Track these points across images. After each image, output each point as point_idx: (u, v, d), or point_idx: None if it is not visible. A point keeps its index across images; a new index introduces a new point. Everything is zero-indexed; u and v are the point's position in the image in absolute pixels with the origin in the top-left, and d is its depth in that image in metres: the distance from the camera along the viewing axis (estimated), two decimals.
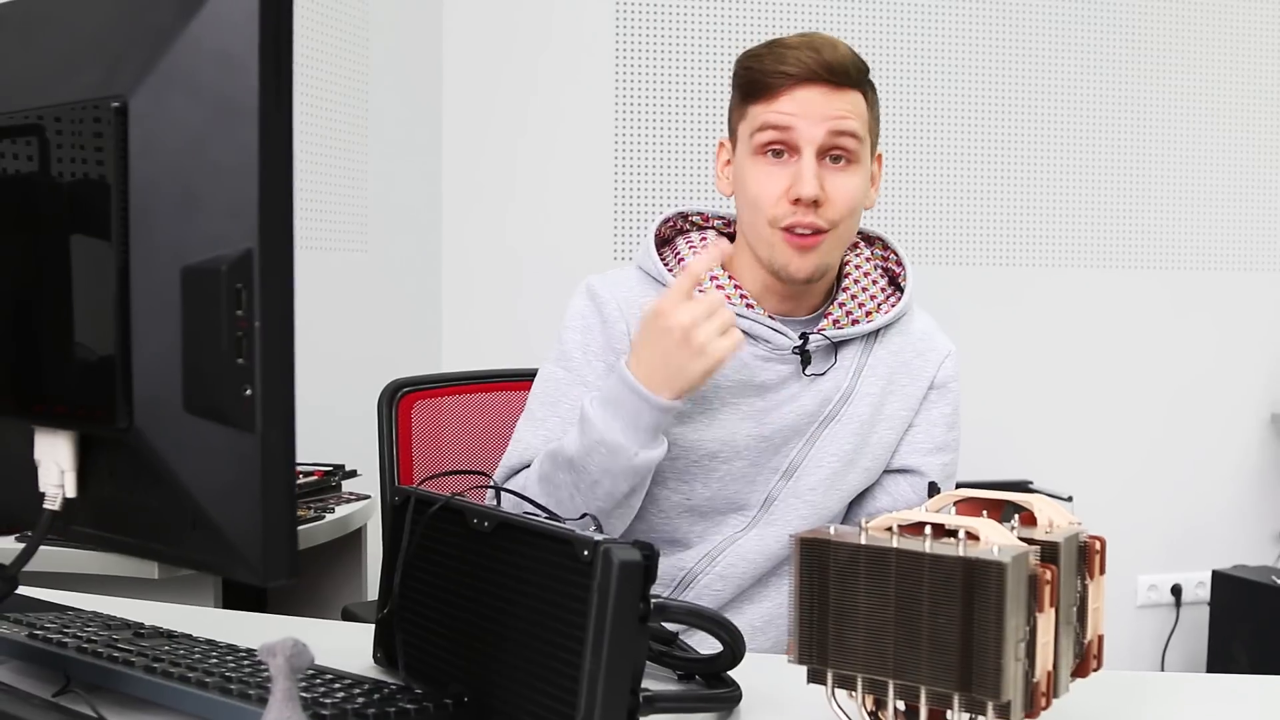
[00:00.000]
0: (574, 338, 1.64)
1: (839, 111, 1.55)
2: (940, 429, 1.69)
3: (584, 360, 1.62)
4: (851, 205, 1.58)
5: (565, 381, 1.62)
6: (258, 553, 0.79)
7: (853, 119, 1.56)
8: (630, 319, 1.62)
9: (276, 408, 0.78)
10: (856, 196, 1.58)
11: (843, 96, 1.56)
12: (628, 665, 0.96)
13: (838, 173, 1.57)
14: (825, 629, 0.96)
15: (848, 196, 1.57)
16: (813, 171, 1.54)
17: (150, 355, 0.82)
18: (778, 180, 1.56)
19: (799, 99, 1.55)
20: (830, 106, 1.55)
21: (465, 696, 1.05)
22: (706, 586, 1.61)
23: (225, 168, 0.78)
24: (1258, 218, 3.80)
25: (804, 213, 1.55)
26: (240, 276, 0.77)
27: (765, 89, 1.57)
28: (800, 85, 1.55)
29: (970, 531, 0.94)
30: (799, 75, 1.55)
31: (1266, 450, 3.85)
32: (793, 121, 1.55)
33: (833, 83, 1.55)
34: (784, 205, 1.55)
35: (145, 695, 1.05)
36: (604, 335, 1.63)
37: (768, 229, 1.57)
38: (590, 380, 1.61)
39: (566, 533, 1.00)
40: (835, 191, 1.56)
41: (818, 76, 1.55)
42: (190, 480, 0.81)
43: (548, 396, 1.63)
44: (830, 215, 1.56)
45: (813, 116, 1.54)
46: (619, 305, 1.63)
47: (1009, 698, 0.90)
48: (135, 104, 0.83)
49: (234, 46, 0.78)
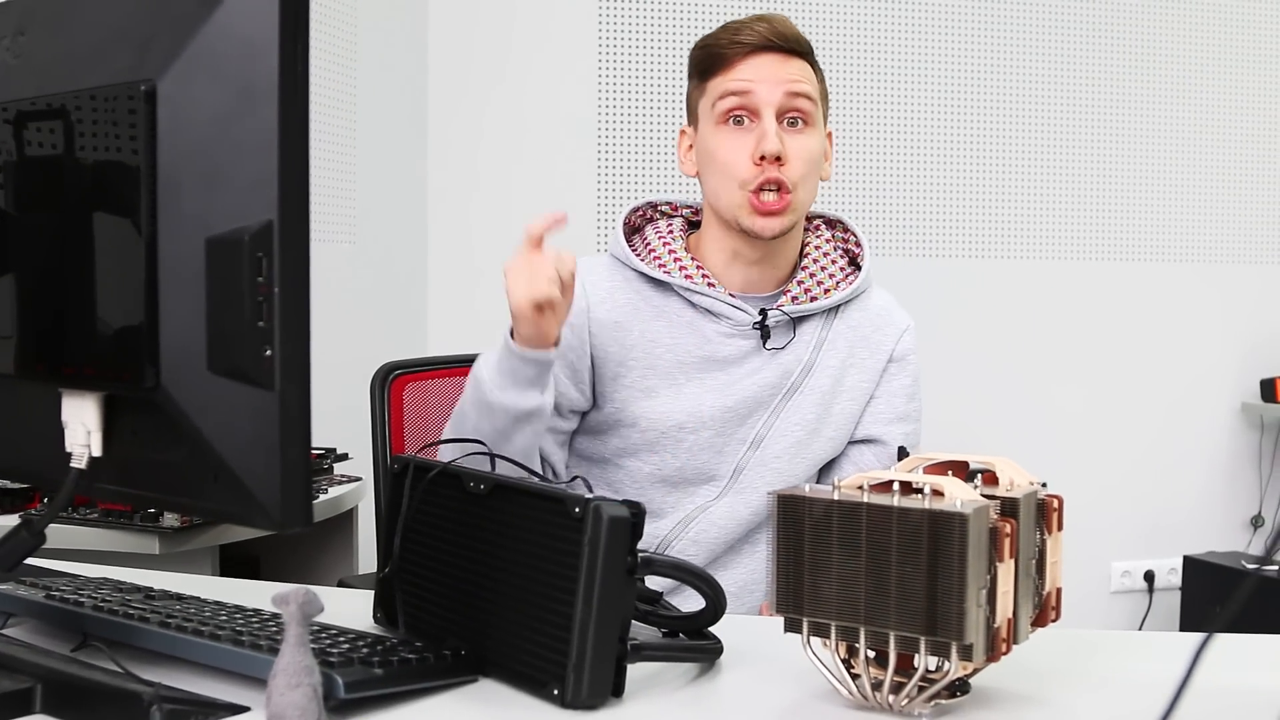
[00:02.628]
0: None
1: (793, 76, 1.67)
2: (900, 399, 1.78)
3: None
4: (810, 163, 1.68)
5: None
6: (276, 502, 0.85)
7: (806, 83, 1.68)
8: (592, 299, 1.71)
9: (294, 367, 0.84)
10: (815, 156, 1.69)
11: (795, 63, 1.68)
12: (616, 615, 1.03)
13: (796, 134, 1.67)
14: (801, 580, 1.03)
15: (807, 155, 1.68)
16: (774, 129, 1.65)
17: (175, 320, 0.89)
18: (742, 144, 1.66)
19: (755, 65, 1.67)
20: (785, 71, 1.67)
21: (463, 649, 1.12)
22: (680, 552, 1.69)
23: (247, 146, 0.84)
24: (1229, 210, 3.87)
25: (769, 169, 1.65)
26: (261, 246, 0.83)
27: (722, 60, 1.68)
28: (755, 53, 1.67)
29: (935, 488, 1.00)
30: (753, 44, 1.67)
31: (1237, 438, 3.92)
32: (751, 86, 1.66)
33: (785, 50, 1.68)
34: (750, 168, 1.66)
35: (161, 648, 1.11)
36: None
37: (738, 192, 1.67)
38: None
39: (559, 492, 1.07)
40: (795, 150, 1.66)
41: (771, 44, 1.67)
42: (213, 435, 0.88)
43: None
44: (792, 174, 1.66)
45: (770, 80, 1.66)
46: (583, 285, 1.71)
47: (971, 640, 0.97)
48: (163, 87, 0.89)
49: (256, 33, 0.84)
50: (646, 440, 1.69)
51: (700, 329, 1.71)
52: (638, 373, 1.69)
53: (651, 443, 1.69)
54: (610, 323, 1.70)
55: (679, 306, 1.71)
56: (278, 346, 0.84)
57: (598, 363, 1.70)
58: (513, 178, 3.50)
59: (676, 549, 1.69)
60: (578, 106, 3.51)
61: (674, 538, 1.70)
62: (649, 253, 1.74)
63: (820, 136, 1.71)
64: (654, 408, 1.67)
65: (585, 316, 1.70)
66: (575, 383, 1.70)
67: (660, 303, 1.72)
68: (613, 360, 1.69)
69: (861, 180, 3.64)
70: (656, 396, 1.68)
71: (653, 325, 1.70)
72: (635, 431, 1.67)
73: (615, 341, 1.69)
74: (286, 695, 0.92)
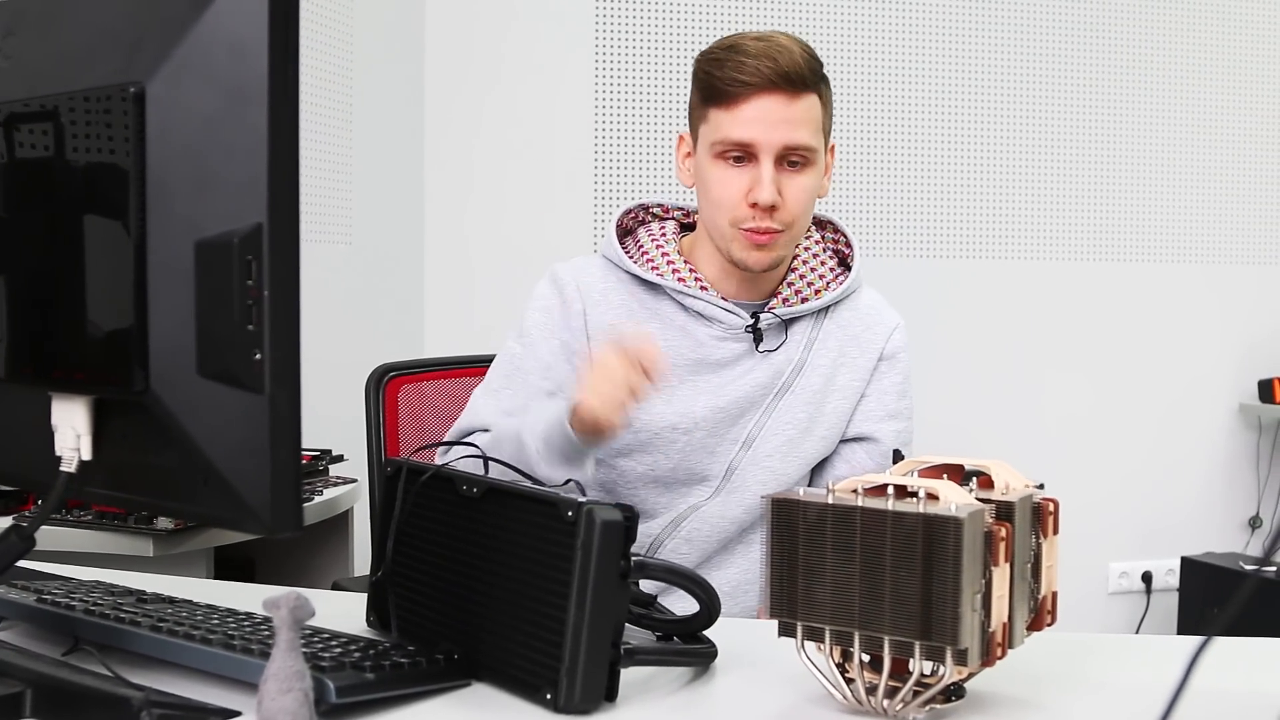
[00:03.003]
0: (534, 317, 1.74)
1: (796, 118, 1.63)
2: (891, 397, 1.78)
3: (540, 338, 1.72)
4: (806, 204, 1.67)
5: (521, 357, 1.72)
6: (266, 506, 0.84)
7: (807, 126, 1.64)
8: (587, 301, 1.71)
9: (284, 370, 0.84)
10: (810, 196, 1.68)
11: (799, 103, 1.63)
12: (610, 619, 1.03)
13: (794, 175, 1.65)
14: (795, 584, 1.03)
15: (802, 198, 1.66)
16: (770, 178, 1.62)
17: (165, 323, 0.88)
18: (737, 184, 1.65)
19: (757, 108, 1.62)
20: (787, 115, 1.62)
21: (456, 653, 1.11)
22: (673, 551, 1.69)
23: (237, 149, 0.84)
24: (1226, 210, 3.86)
25: (761, 217, 1.64)
26: (251, 249, 0.83)
27: (724, 96, 1.64)
28: (758, 94, 1.62)
29: (930, 492, 1.00)
30: (757, 85, 1.62)
31: (1235, 439, 3.92)
32: (750, 134, 1.63)
33: (789, 91, 1.62)
34: (743, 209, 1.65)
35: (152, 653, 1.10)
36: (562, 315, 1.72)
37: (728, 228, 1.67)
38: (543, 356, 1.71)
39: (552, 495, 1.06)
40: (791, 194, 1.65)
41: (774, 86, 1.62)
42: (203, 439, 0.87)
43: (505, 370, 1.73)
44: (785, 217, 1.65)
45: (770, 126, 1.62)
46: (578, 288, 1.72)
47: (966, 645, 0.96)
48: (152, 90, 0.88)
49: (245, 36, 0.84)
50: (639, 441, 1.69)
51: (693, 332, 1.71)
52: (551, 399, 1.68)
53: (644, 443, 1.69)
54: (605, 325, 1.70)
55: (671, 310, 1.72)
56: (267, 350, 0.83)
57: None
58: (509, 179, 3.50)
59: (669, 548, 1.69)
60: (575, 108, 3.51)
61: (666, 537, 1.70)
62: (642, 255, 1.75)
63: (819, 171, 1.69)
64: (646, 409, 1.67)
65: (583, 319, 1.71)
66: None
67: (653, 305, 1.72)
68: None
69: (853, 180, 3.64)
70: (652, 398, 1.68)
71: (645, 329, 1.70)
72: (628, 432, 1.67)
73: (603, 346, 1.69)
74: (278, 700, 0.92)
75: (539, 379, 1.70)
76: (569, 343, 1.71)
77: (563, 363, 1.70)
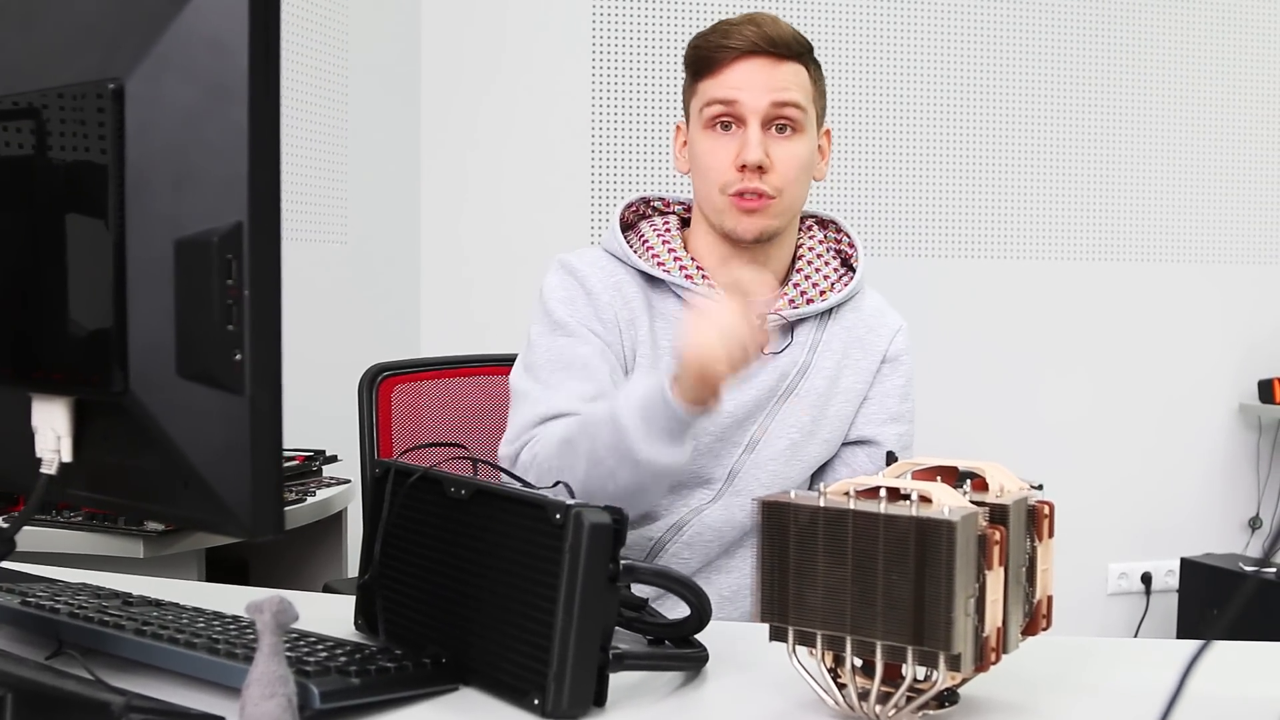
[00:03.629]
0: (560, 309, 1.67)
1: (781, 82, 1.63)
2: (894, 400, 1.76)
3: (575, 325, 1.65)
4: (796, 171, 1.65)
5: (569, 345, 1.64)
6: (247, 509, 0.83)
7: (794, 89, 1.64)
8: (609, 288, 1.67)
9: (265, 371, 0.82)
10: (801, 163, 1.66)
11: (785, 68, 1.64)
12: (598, 623, 1.01)
13: (783, 141, 1.64)
14: (786, 588, 1.01)
15: (792, 162, 1.64)
16: (758, 139, 1.62)
17: (145, 323, 0.87)
18: (726, 149, 1.64)
19: (742, 71, 1.63)
20: (773, 78, 1.63)
21: (444, 658, 1.10)
22: (674, 555, 1.67)
23: (217, 146, 0.82)
24: (1226, 210, 3.85)
25: (750, 178, 1.63)
26: (231, 247, 0.81)
27: (711, 64, 1.65)
28: (743, 58, 1.64)
29: (923, 494, 0.99)
30: (741, 48, 1.63)
31: (1234, 440, 3.91)
32: (737, 94, 1.63)
33: (774, 54, 1.64)
34: (732, 172, 1.63)
35: (136, 657, 1.09)
36: (590, 306, 1.67)
37: (718, 195, 1.65)
38: (587, 336, 1.63)
39: (539, 498, 1.05)
40: (780, 158, 1.63)
41: (759, 49, 1.63)
42: (183, 441, 0.86)
43: (558, 362, 1.63)
44: (775, 181, 1.64)
45: (756, 88, 1.63)
46: (599, 277, 1.68)
47: (959, 650, 0.95)
48: (131, 86, 0.87)
49: (225, 32, 0.82)
50: None
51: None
52: (641, 372, 1.66)
53: None
54: (629, 318, 1.67)
55: (674, 307, 1.69)
56: (248, 350, 0.82)
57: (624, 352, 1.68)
58: (507, 176, 3.48)
59: (670, 552, 1.67)
60: (572, 104, 3.49)
61: (667, 540, 1.67)
62: (646, 250, 1.72)
63: (810, 141, 1.68)
64: None
65: (612, 311, 1.67)
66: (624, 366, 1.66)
67: (657, 303, 1.70)
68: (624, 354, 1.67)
69: (855, 179, 3.63)
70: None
71: (656, 324, 1.68)
72: None
73: (627, 338, 1.67)
74: (260, 706, 0.90)
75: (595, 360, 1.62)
76: (601, 334, 1.65)
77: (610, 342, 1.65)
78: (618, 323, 1.67)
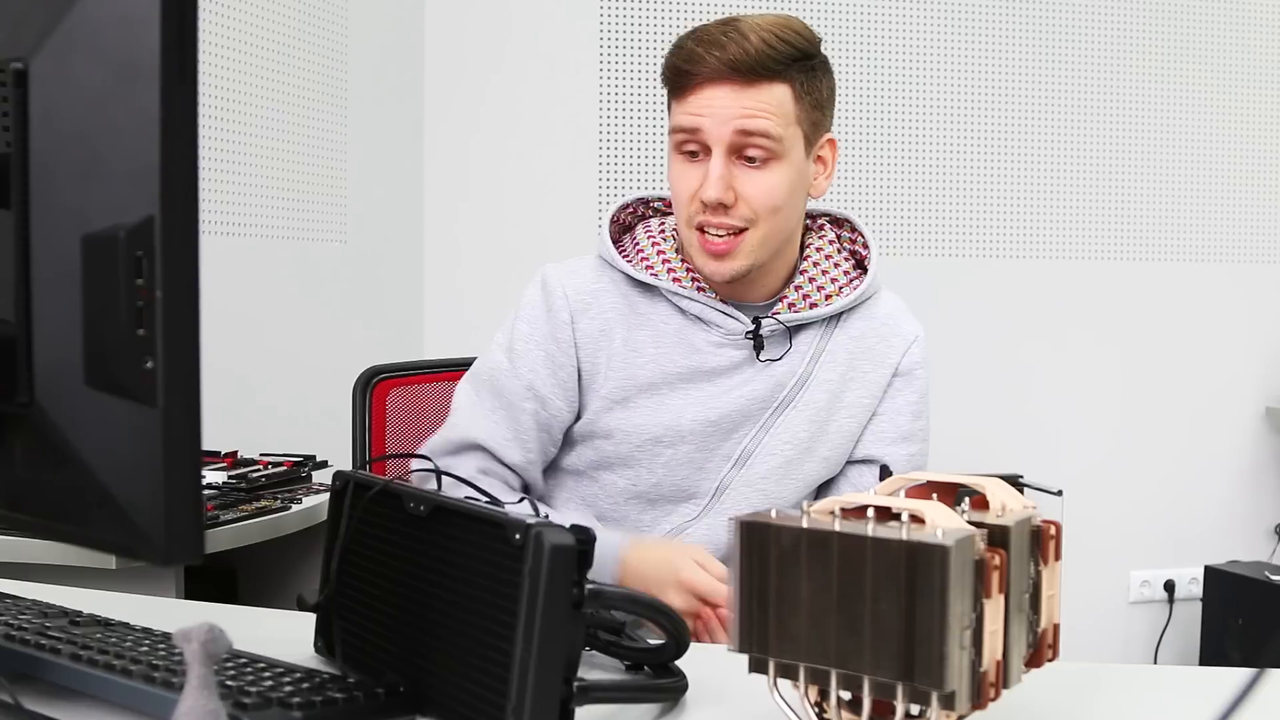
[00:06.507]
0: (521, 328, 1.64)
1: (748, 110, 1.51)
2: (905, 418, 1.65)
3: (525, 349, 1.63)
4: (769, 203, 1.54)
5: (508, 373, 1.63)
6: (160, 532, 0.75)
7: (764, 116, 1.51)
8: (575, 308, 1.62)
9: (179, 381, 0.74)
10: (776, 194, 1.54)
11: (754, 92, 1.51)
12: (560, 653, 0.93)
13: (753, 171, 1.53)
14: (766, 616, 0.93)
15: (762, 195, 1.53)
16: (719, 174, 1.51)
17: (52, 328, 0.79)
18: (691, 179, 1.55)
19: (706, 98, 1.52)
20: (738, 105, 1.51)
21: (401, 686, 1.02)
22: None
23: (126, 132, 0.75)
24: (1253, 210, 3.76)
25: (712, 213, 1.53)
26: (141, 244, 0.74)
27: (678, 87, 1.55)
28: (707, 84, 1.52)
29: (915, 514, 0.90)
30: (705, 75, 1.51)
31: (1261, 444, 3.82)
32: (699, 123, 1.52)
33: (741, 80, 1.51)
34: (695, 204, 1.54)
35: (68, 683, 1.02)
36: (548, 325, 1.63)
37: (685, 228, 1.57)
38: (524, 375, 1.61)
39: (499, 516, 0.97)
40: (749, 191, 1.53)
41: (723, 75, 1.51)
42: (92, 458, 0.78)
43: (492, 385, 1.64)
44: (744, 213, 1.53)
45: (718, 117, 1.51)
46: (565, 295, 1.63)
47: (953, 687, 0.86)
48: (36, 67, 0.79)
49: (136, 7, 0.75)
50: (620, 454, 1.58)
51: (689, 338, 1.59)
52: (615, 383, 1.58)
53: (625, 456, 1.58)
54: (595, 333, 1.60)
55: (666, 313, 1.61)
56: (161, 358, 0.74)
57: (583, 375, 1.61)
58: (512, 173, 3.41)
59: None
60: (580, 102, 3.42)
61: None
62: (637, 254, 1.64)
63: (790, 168, 1.55)
64: (629, 419, 1.56)
65: (569, 330, 1.61)
66: (567, 402, 1.62)
67: (647, 309, 1.61)
68: (593, 370, 1.60)
69: (869, 174, 3.54)
70: (632, 408, 1.57)
71: (636, 334, 1.60)
72: (609, 444, 1.57)
73: (601, 351, 1.60)
74: None
75: (522, 400, 1.61)
76: (554, 355, 1.61)
77: (547, 376, 1.61)
78: (574, 339, 1.60)
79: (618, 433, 1.56)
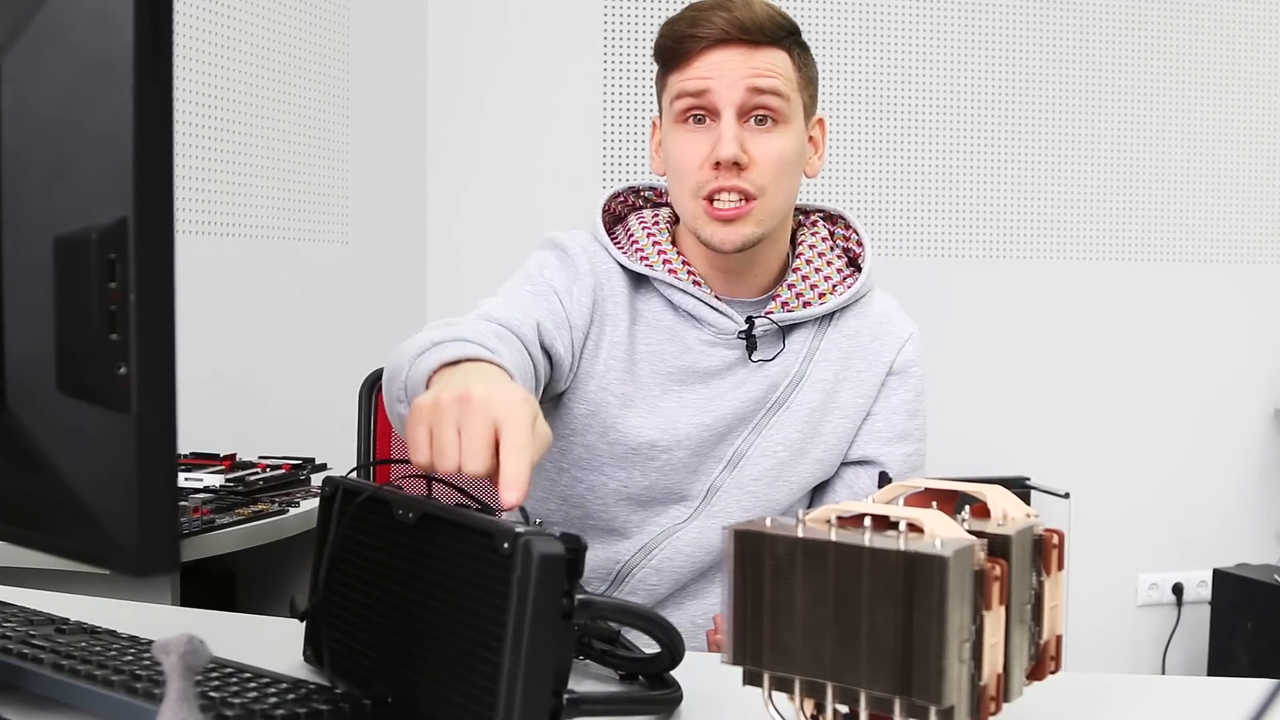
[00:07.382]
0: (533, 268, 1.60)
1: (757, 69, 1.49)
2: (900, 417, 1.62)
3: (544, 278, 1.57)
4: (779, 167, 1.51)
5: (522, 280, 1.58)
6: (133, 542, 0.73)
7: (773, 76, 1.50)
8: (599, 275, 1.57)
9: (153, 387, 0.72)
10: (786, 158, 1.52)
11: (761, 54, 1.50)
12: (549, 664, 0.91)
13: (762, 134, 1.51)
14: (760, 628, 0.90)
15: (775, 157, 1.51)
16: (733, 133, 1.48)
17: (23, 332, 0.77)
18: (699, 146, 1.51)
19: (713, 61, 1.50)
20: (747, 65, 1.49)
21: (389, 697, 1.00)
22: (642, 581, 1.56)
23: (99, 131, 0.73)
24: (1262, 210, 3.74)
25: (726, 176, 1.49)
26: (114, 246, 0.71)
27: (680, 55, 1.52)
28: (714, 48, 1.50)
29: (913, 523, 0.88)
30: (711, 37, 1.50)
31: (1269, 447, 3.79)
32: (708, 84, 1.50)
33: (748, 41, 1.50)
34: (706, 171, 1.50)
35: (49, 693, 1.00)
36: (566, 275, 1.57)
37: (691, 200, 1.52)
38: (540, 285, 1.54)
39: (488, 524, 0.94)
40: (760, 153, 1.50)
41: (731, 36, 1.49)
42: (65, 465, 0.76)
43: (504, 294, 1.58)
44: (756, 179, 1.50)
45: (728, 77, 1.49)
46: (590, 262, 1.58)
47: (951, 702, 0.84)
48: (7, 65, 0.77)
49: (108, 2, 0.72)
50: (614, 455, 1.55)
51: (680, 336, 1.56)
52: (614, 375, 1.54)
53: (620, 458, 1.55)
54: (603, 304, 1.56)
55: (659, 309, 1.57)
56: (134, 363, 0.72)
57: (586, 352, 1.56)
58: (517, 172, 3.39)
59: (638, 577, 1.56)
60: (583, 100, 3.39)
61: (635, 564, 1.56)
62: (631, 244, 1.60)
63: (795, 134, 1.54)
64: (625, 420, 1.53)
65: (592, 297, 1.56)
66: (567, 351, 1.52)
67: (640, 304, 1.58)
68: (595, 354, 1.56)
69: (863, 172, 3.52)
70: (630, 408, 1.54)
71: (632, 328, 1.57)
72: (603, 442, 1.53)
73: (605, 337, 1.56)
74: None
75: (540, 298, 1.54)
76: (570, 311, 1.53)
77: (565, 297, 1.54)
78: (593, 296, 1.55)
79: (612, 433, 1.53)
